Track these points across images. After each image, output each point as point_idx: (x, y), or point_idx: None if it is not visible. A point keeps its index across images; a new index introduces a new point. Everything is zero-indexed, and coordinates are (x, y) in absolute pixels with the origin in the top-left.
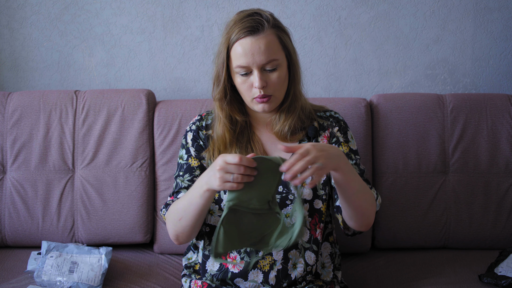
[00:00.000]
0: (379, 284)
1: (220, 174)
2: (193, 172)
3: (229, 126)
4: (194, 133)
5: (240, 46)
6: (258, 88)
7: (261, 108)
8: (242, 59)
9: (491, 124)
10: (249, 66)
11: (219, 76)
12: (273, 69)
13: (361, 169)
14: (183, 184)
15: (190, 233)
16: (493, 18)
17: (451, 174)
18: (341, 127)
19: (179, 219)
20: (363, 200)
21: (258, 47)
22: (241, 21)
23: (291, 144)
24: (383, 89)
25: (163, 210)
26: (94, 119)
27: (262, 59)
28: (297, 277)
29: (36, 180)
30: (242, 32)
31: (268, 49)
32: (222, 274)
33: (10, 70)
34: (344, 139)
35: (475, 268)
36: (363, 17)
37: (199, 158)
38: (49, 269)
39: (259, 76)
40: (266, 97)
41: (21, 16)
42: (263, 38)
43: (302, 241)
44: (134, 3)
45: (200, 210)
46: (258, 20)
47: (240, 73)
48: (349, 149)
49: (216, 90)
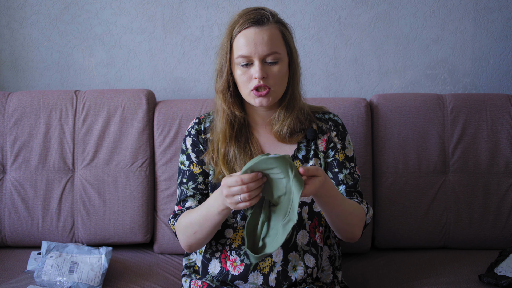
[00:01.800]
0: (379, 284)
1: (229, 200)
2: (196, 179)
3: (232, 119)
4: (193, 138)
5: (244, 36)
6: (258, 78)
7: (259, 102)
8: (245, 48)
9: (491, 124)
10: (250, 56)
11: (222, 67)
12: (274, 62)
13: (354, 177)
14: (188, 192)
15: (204, 243)
16: (493, 18)
17: (451, 174)
18: (339, 132)
19: (194, 233)
20: (345, 222)
21: (262, 37)
22: (246, 14)
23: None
24: (383, 89)
25: (172, 220)
26: (94, 119)
27: (265, 50)
28: (297, 279)
29: (36, 180)
30: (247, 22)
31: (271, 41)
32: (222, 277)
33: (10, 70)
34: (342, 146)
35: (475, 268)
36: (363, 17)
37: (200, 164)
38: (49, 269)
39: (260, 66)
40: (264, 90)
41: (21, 16)
42: (267, 30)
43: (302, 244)
44: (134, 3)
45: (217, 225)
46: (263, 13)
47: (241, 64)
48: (345, 156)
49: (219, 82)
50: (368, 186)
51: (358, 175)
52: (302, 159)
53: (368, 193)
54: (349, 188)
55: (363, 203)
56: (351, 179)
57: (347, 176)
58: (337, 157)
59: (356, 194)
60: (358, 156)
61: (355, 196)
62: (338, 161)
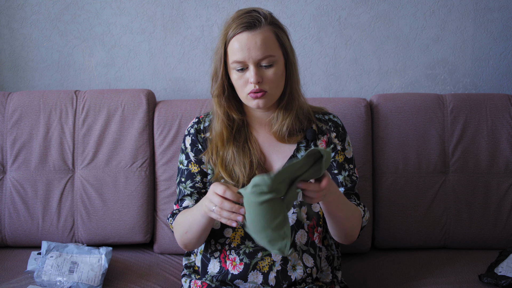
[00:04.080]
0: (379, 284)
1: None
2: (194, 178)
3: (227, 123)
4: (192, 137)
5: (237, 41)
6: (253, 84)
7: (256, 104)
8: (238, 54)
9: (491, 124)
10: (245, 61)
11: (217, 72)
12: (269, 65)
13: (353, 179)
14: (186, 191)
15: (197, 243)
16: (493, 18)
17: (451, 174)
18: (339, 133)
19: (185, 232)
20: (348, 224)
21: (254, 42)
22: (239, 18)
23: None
24: (383, 89)
25: (170, 219)
26: (94, 119)
27: (258, 54)
28: (297, 279)
29: (36, 180)
30: (239, 27)
31: (265, 45)
32: (222, 276)
33: (10, 70)
34: (341, 147)
35: (475, 268)
36: (363, 17)
37: (198, 163)
38: (49, 269)
39: (255, 71)
40: (261, 92)
41: (21, 16)
42: (260, 34)
43: (300, 244)
44: (134, 3)
45: (204, 227)
46: (255, 16)
47: (236, 69)
48: (344, 158)
49: (214, 86)
50: (368, 186)
51: (356, 177)
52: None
53: (368, 193)
54: (347, 190)
55: (360, 205)
56: (349, 181)
57: (346, 178)
58: (336, 158)
59: (353, 197)
60: (358, 156)
61: (353, 198)
62: (337, 163)
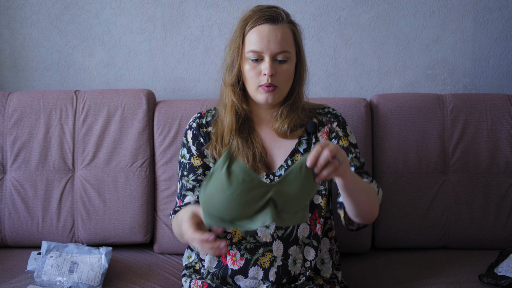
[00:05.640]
0: (379, 284)
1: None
2: (196, 171)
3: (240, 111)
4: (194, 131)
5: (257, 31)
6: (267, 76)
7: (265, 98)
8: (257, 44)
9: (491, 124)
10: (262, 52)
11: (233, 61)
12: (284, 60)
13: (361, 162)
14: (188, 185)
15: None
16: (493, 18)
17: (451, 174)
18: (339, 122)
19: (181, 236)
20: (368, 199)
21: (275, 35)
22: (260, 11)
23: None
24: (383, 89)
25: (172, 215)
26: (94, 119)
27: (277, 48)
28: (296, 273)
29: (36, 180)
30: (262, 19)
31: (284, 40)
32: (222, 271)
33: (10, 70)
34: (344, 133)
35: (475, 268)
36: (363, 17)
37: (201, 157)
38: (49, 269)
39: (270, 63)
40: (272, 87)
41: (21, 16)
42: (281, 29)
43: (303, 237)
44: (134, 3)
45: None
46: (277, 11)
47: (251, 59)
48: (349, 143)
49: (229, 76)
50: None
51: (363, 160)
52: (303, 153)
53: None
54: (357, 169)
55: (373, 182)
56: (357, 161)
57: (353, 159)
58: (341, 144)
59: (365, 175)
60: None
61: (364, 176)
62: (343, 147)
